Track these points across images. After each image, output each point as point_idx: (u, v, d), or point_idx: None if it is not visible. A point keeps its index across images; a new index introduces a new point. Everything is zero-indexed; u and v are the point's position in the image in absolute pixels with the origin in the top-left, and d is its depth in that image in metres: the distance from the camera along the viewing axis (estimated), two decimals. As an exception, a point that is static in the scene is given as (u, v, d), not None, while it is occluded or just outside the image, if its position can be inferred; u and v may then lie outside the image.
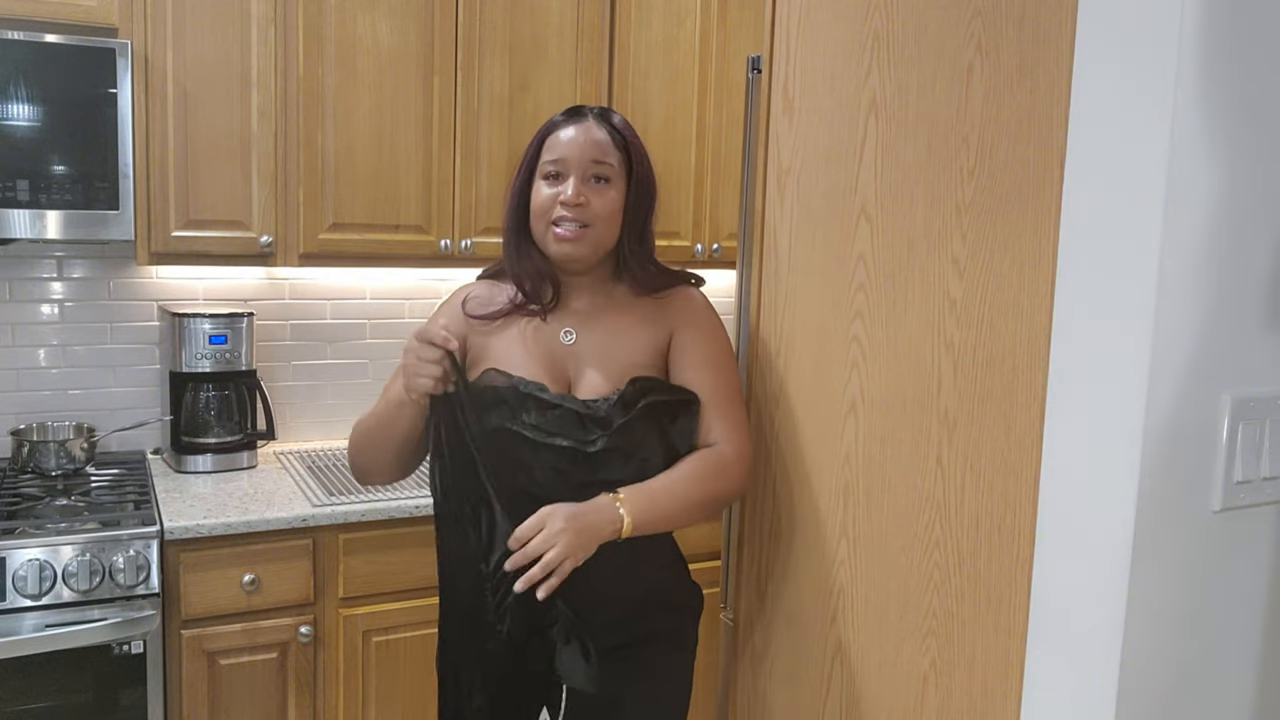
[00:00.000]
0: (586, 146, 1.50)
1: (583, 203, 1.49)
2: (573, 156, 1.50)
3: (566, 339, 1.54)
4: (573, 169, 1.50)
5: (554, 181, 1.51)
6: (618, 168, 1.52)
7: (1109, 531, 1.09)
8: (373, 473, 1.59)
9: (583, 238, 1.49)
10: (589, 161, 1.50)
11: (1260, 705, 1.20)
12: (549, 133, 1.54)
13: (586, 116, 1.54)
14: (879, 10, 1.37)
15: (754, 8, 2.98)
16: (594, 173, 1.50)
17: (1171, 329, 1.06)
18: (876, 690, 1.42)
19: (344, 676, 2.43)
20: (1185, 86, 1.02)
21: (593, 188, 1.50)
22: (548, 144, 1.53)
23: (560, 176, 1.51)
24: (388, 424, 1.52)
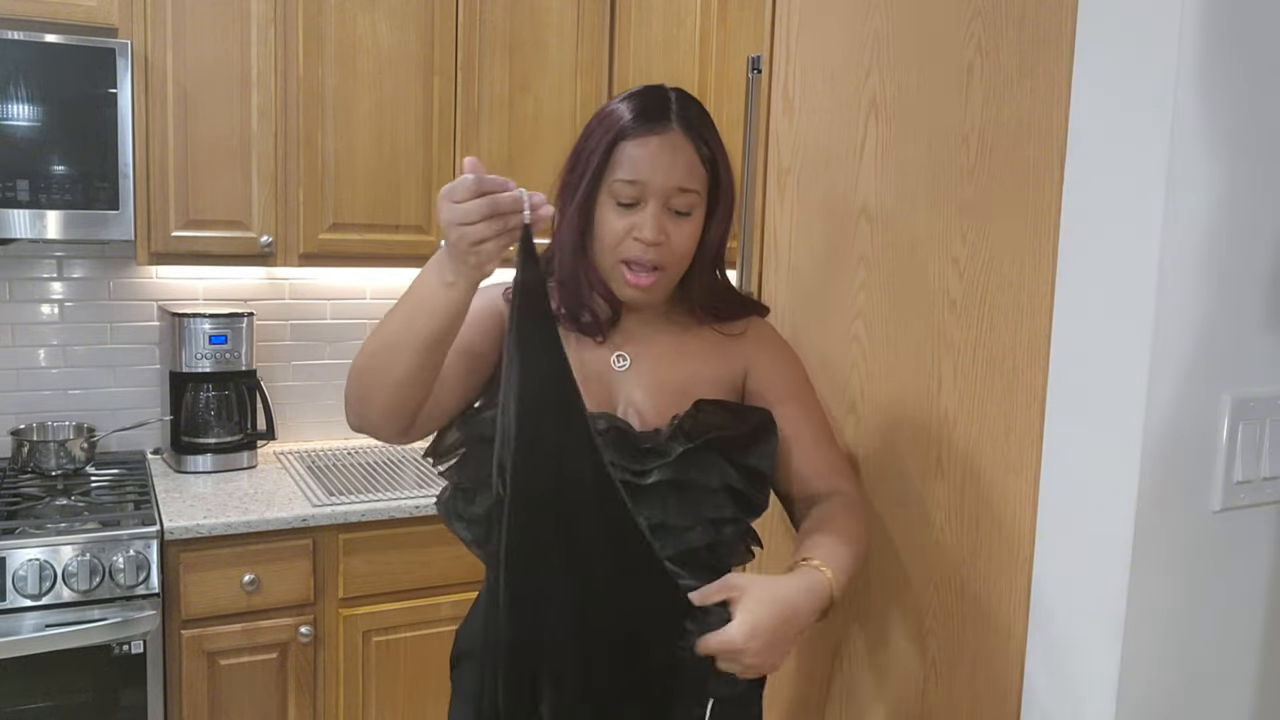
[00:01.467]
0: (673, 171, 1.20)
1: (663, 242, 1.21)
2: (655, 182, 1.20)
3: (619, 364, 1.28)
4: (652, 196, 1.20)
5: (627, 210, 1.21)
6: (704, 192, 1.24)
7: (1109, 532, 1.09)
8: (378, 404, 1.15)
9: (656, 283, 1.23)
10: (673, 189, 1.20)
11: (1260, 705, 1.20)
12: (621, 136, 1.21)
13: (670, 120, 1.21)
14: (879, 10, 1.37)
15: (754, 8, 2.98)
16: (676, 205, 1.21)
17: (1171, 329, 1.06)
18: (876, 690, 1.42)
19: (344, 676, 2.43)
20: (1185, 86, 1.02)
21: (673, 220, 1.22)
22: (620, 155, 1.21)
23: (636, 204, 1.21)
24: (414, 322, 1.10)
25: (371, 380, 1.15)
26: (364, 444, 2.99)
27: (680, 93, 1.25)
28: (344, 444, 2.98)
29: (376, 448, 2.96)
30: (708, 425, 1.22)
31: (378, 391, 1.14)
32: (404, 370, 1.12)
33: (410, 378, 1.13)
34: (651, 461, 1.19)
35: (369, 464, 2.79)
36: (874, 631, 1.42)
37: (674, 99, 1.23)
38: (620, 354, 1.29)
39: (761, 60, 1.61)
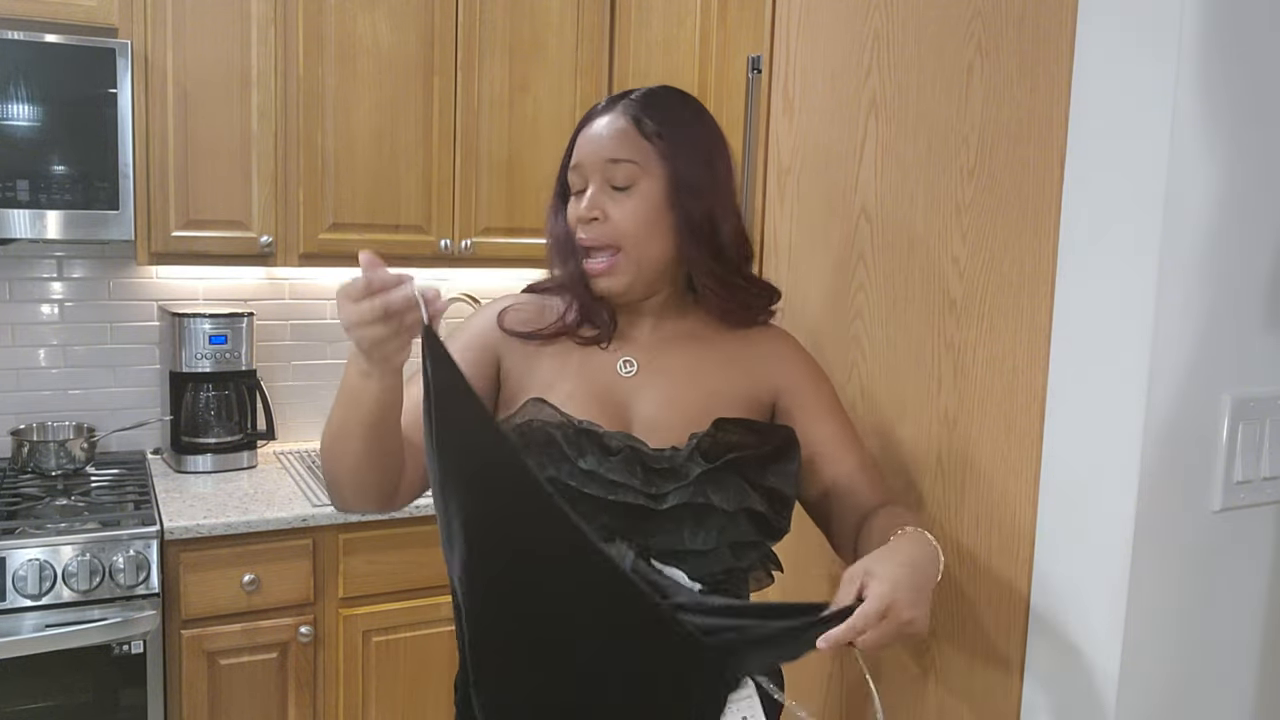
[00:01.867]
0: (602, 142, 1.17)
1: (596, 217, 1.17)
2: (587, 160, 1.18)
3: (626, 370, 1.21)
4: (590, 175, 1.18)
5: (577, 197, 1.20)
6: (645, 164, 1.16)
7: (1109, 531, 1.09)
8: (346, 486, 1.15)
9: (615, 267, 1.18)
10: (603, 162, 1.17)
11: (1260, 705, 1.20)
12: (580, 127, 1.22)
13: (617, 105, 1.20)
14: (879, 10, 1.37)
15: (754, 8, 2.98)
16: (609, 178, 1.17)
17: (1171, 329, 1.06)
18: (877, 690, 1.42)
19: (344, 676, 2.43)
20: (1185, 86, 1.02)
21: (613, 196, 1.17)
22: (575, 144, 1.21)
23: (582, 189, 1.19)
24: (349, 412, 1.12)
25: (333, 467, 1.15)
26: (364, 444, 2.99)
27: (657, 86, 1.23)
28: (344, 444, 2.98)
29: (376, 448, 2.95)
30: (728, 445, 1.15)
31: (341, 475, 1.14)
32: (355, 456, 1.11)
33: (366, 461, 1.11)
34: (668, 484, 1.12)
35: (369, 464, 2.78)
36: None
37: (639, 91, 1.22)
38: (626, 359, 1.22)
39: (761, 60, 1.61)
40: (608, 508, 1.10)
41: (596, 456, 1.11)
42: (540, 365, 1.22)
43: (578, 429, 1.12)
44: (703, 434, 1.15)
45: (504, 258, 2.82)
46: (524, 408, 1.16)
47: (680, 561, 1.12)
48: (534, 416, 1.14)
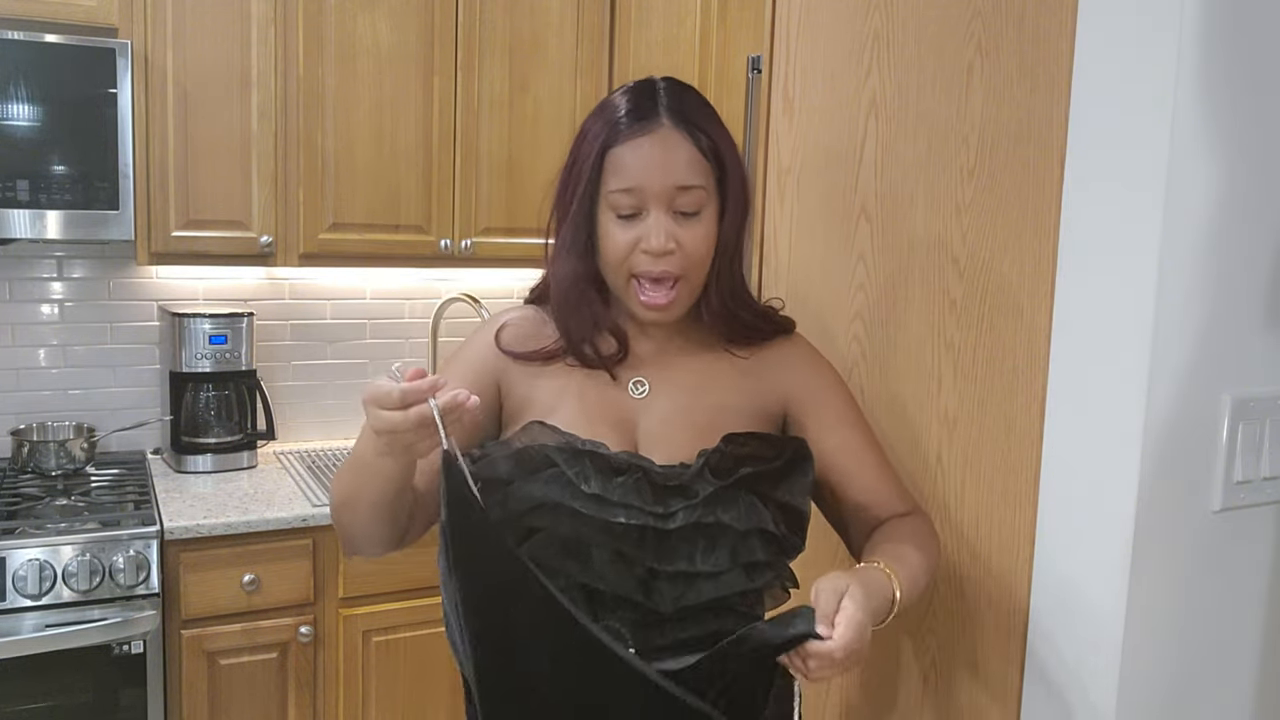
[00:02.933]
0: (670, 170, 1.09)
1: (673, 249, 1.09)
2: (652, 186, 1.09)
3: (638, 391, 1.17)
4: (653, 202, 1.09)
5: (630, 222, 1.10)
6: (709, 188, 1.12)
7: (1109, 532, 1.09)
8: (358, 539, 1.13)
9: (676, 299, 1.12)
10: (674, 189, 1.09)
11: (1260, 705, 1.20)
12: (612, 141, 1.11)
13: (660, 115, 1.10)
14: (879, 10, 1.37)
15: (754, 8, 2.98)
16: (681, 205, 1.10)
17: (1171, 329, 1.06)
18: (877, 690, 1.42)
19: (344, 676, 2.43)
20: (1185, 86, 1.02)
21: (681, 223, 1.10)
22: (612, 161, 1.10)
23: (637, 213, 1.10)
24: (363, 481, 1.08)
25: (344, 523, 1.13)
26: (364, 444, 2.99)
27: (672, 83, 1.16)
28: (344, 444, 2.98)
29: (376, 448, 2.96)
30: (738, 459, 1.10)
31: (354, 533, 1.13)
32: (367, 520, 1.10)
33: (377, 522, 1.10)
34: (675, 503, 1.08)
35: (369, 464, 2.78)
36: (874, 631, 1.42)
37: (663, 91, 1.14)
38: (638, 379, 1.17)
39: (761, 60, 1.61)
40: (612, 531, 1.06)
41: (601, 479, 1.07)
42: (542, 384, 1.17)
43: (579, 451, 1.09)
44: (712, 450, 1.10)
45: (504, 258, 2.82)
46: (525, 430, 1.12)
47: (691, 584, 1.08)
48: (534, 440, 1.10)
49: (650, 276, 1.11)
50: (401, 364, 0.97)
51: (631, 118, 1.11)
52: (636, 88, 1.15)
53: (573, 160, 1.15)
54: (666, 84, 1.15)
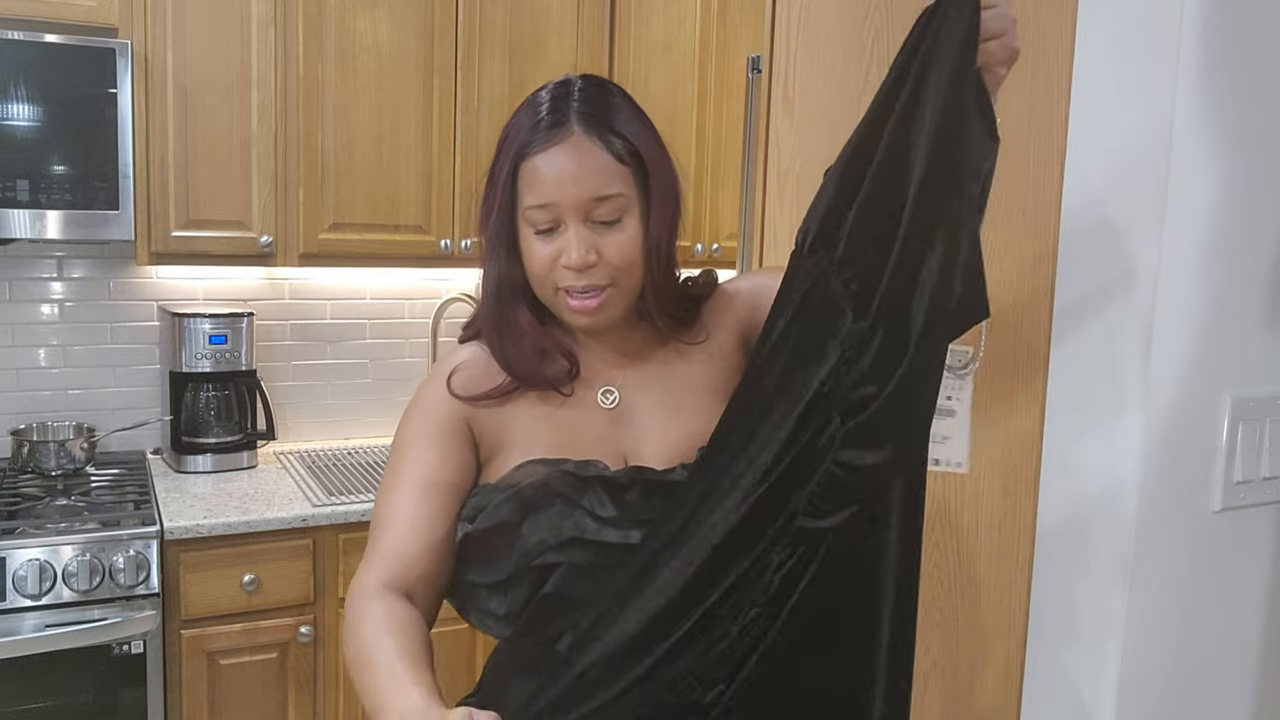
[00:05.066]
0: (582, 181, 1.05)
1: (594, 261, 1.06)
2: (566, 199, 1.05)
3: (608, 401, 1.14)
4: (569, 215, 1.06)
5: (549, 236, 1.07)
6: (630, 192, 1.07)
7: (1109, 531, 1.09)
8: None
9: (605, 304, 1.08)
10: (590, 201, 1.05)
11: (1260, 705, 1.20)
12: (524, 153, 1.07)
13: (570, 123, 1.06)
14: (879, 10, 1.37)
15: (754, 8, 2.98)
16: (599, 216, 1.06)
17: (1171, 329, 1.06)
18: (876, 690, 1.42)
19: (344, 676, 2.43)
20: (1185, 86, 1.02)
21: (601, 232, 1.06)
22: (525, 175, 1.07)
23: (554, 226, 1.07)
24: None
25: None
26: (364, 444, 2.99)
27: (588, 83, 1.10)
28: (344, 444, 2.98)
29: (377, 448, 2.96)
30: None
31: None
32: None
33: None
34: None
35: (369, 464, 2.79)
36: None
37: (578, 93, 1.08)
38: (605, 389, 1.14)
39: (761, 60, 1.61)
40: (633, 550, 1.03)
41: (610, 499, 1.05)
42: (512, 418, 1.12)
43: (581, 476, 1.06)
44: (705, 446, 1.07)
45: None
46: (517, 472, 1.08)
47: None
48: (531, 479, 1.06)
49: (575, 288, 1.07)
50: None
51: (543, 126, 1.07)
52: (553, 92, 1.10)
53: (492, 171, 1.11)
54: (583, 85, 1.10)
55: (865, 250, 0.93)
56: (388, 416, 3.04)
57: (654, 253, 1.09)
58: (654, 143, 1.11)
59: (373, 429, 3.05)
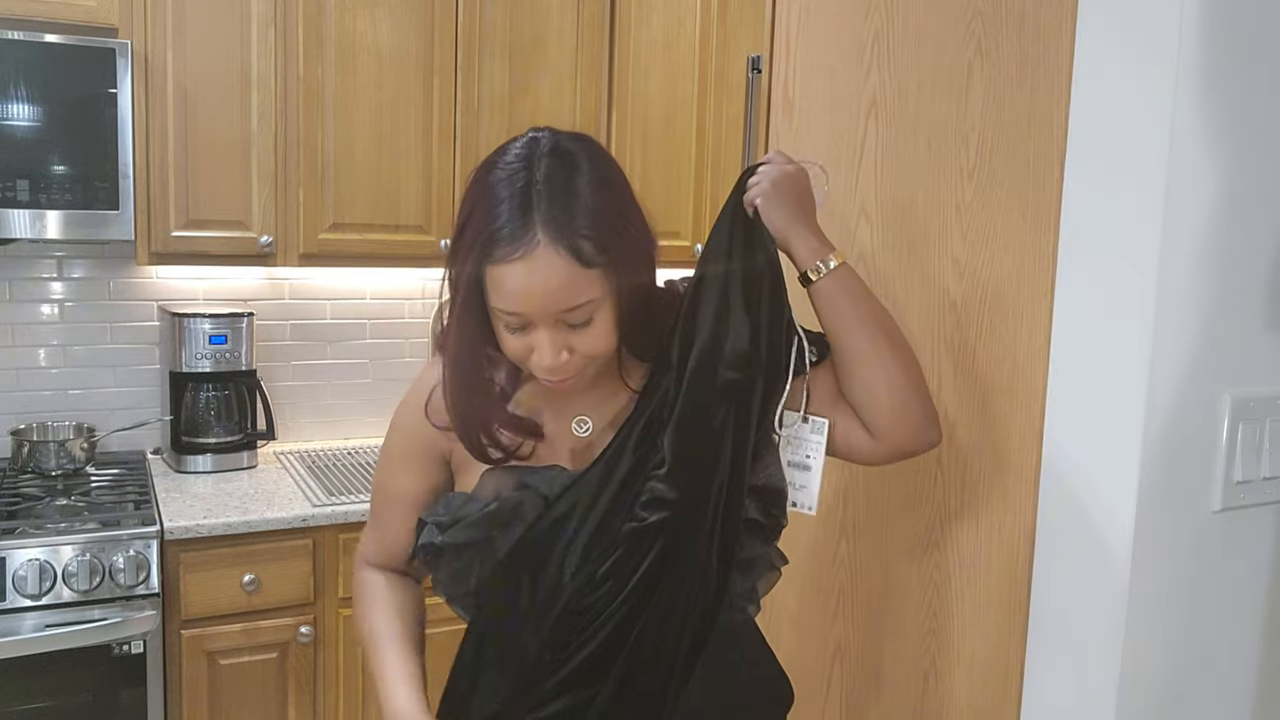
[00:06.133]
0: (551, 296, 1.02)
1: (566, 360, 1.06)
2: (533, 311, 1.03)
3: (582, 429, 1.16)
4: (539, 320, 1.04)
5: (521, 332, 1.06)
6: (601, 291, 1.04)
7: (1109, 531, 1.09)
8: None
9: (580, 377, 1.09)
10: (559, 312, 1.03)
11: (1260, 705, 1.20)
12: (487, 257, 1.03)
13: (534, 231, 1.01)
14: (879, 10, 1.37)
15: (754, 8, 2.98)
16: (570, 321, 1.04)
17: (1171, 329, 1.06)
18: (876, 690, 1.42)
19: (344, 676, 2.43)
20: (1185, 86, 1.02)
21: (574, 332, 1.05)
22: (492, 279, 1.04)
23: (524, 327, 1.05)
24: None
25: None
26: (364, 444, 2.99)
27: (553, 163, 1.05)
28: (344, 444, 2.98)
29: (377, 448, 2.96)
30: None
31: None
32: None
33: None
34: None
35: (369, 464, 2.79)
36: (874, 631, 1.42)
37: (542, 187, 1.03)
38: (579, 418, 1.16)
39: (761, 60, 1.61)
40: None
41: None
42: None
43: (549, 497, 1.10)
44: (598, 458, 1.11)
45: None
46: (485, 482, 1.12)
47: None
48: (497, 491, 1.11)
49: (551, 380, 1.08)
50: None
51: (506, 233, 1.02)
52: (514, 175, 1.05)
53: (456, 247, 1.09)
54: (548, 168, 1.04)
55: (678, 331, 1.14)
56: (387, 416, 3.00)
57: (629, 326, 1.09)
58: (621, 221, 1.06)
59: (373, 429, 3.05)
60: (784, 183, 1.14)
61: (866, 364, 1.12)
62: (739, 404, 1.11)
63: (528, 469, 1.12)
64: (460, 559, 1.12)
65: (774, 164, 1.16)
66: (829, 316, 1.14)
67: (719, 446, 1.10)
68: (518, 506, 1.10)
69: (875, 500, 1.40)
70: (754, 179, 1.16)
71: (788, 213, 1.14)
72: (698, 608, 1.11)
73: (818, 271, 1.13)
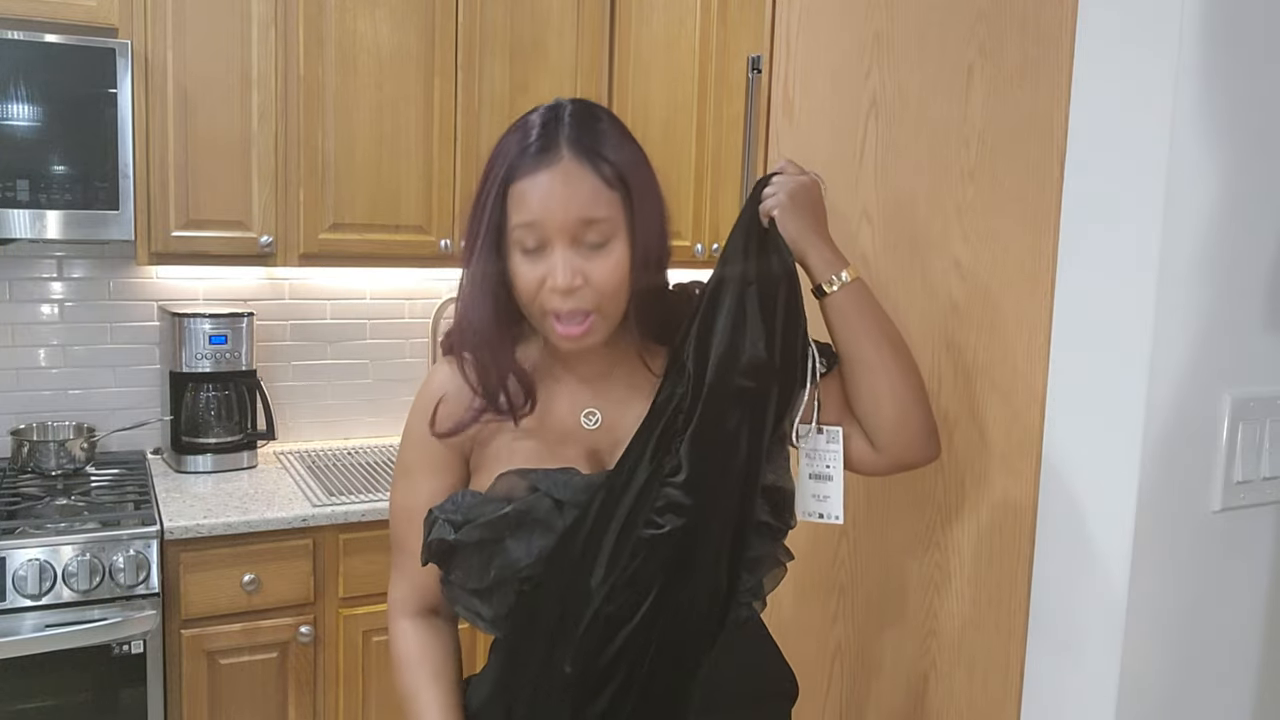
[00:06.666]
0: (571, 203, 1.05)
1: (580, 285, 1.07)
2: (553, 220, 1.05)
3: (590, 423, 1.16)
4: (556, 236, 1.06)
5: (534, 256, 1.08)
6: (617, 216, 1.08)
7: (1109, 531, 1.09)
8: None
9: (590, 330, 1.09)
10: (577, 223, 1.06)
11: (1260, 705, 1.20)
12: (512, 176, 1.07)
13: (560, 147, 1.06)
14: (879, 10, 1.37)
15: (754, 8, 2.98)
16: (587, 239, 1.07)
17: (1171, 329, 1.06)
18: (876, 690, 1.42)
19: (344, 676, 2.43)
20: (1185, 86, 1.02)
21: (588, 256, 1.07)
22: (514, 196, 1.07)
23: (541, 247, 1.07)
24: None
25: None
26: (364, 444, 2.99)
27: (579, 108, 1.11)
28: (344, 444, 2.98)
29: (377, 448, 2.96)
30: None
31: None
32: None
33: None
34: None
35: (369, 464, 2.79)
36: (874, 631, 1.42)
37: (569, 118, 1.09)
38: (588, 411, 1.16)
39: (761, 60, 1.61)
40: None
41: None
42: (498, 434, 1.16)
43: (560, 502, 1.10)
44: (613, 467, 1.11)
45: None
46: (498, 482, 1.12)
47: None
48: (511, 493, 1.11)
49: (561, 314, 1.08)
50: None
51: (532, 150, 1.07)
52: (543, 116, 1.10)
53: (479, 192, 1.12)
54: (574, 109, 1.10)
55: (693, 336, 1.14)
56: (387, 416, 3.04)
57: (640, 275, 1.11)
58: (643, 168, 1.12)
59: (373, 429, 3.05)
60: (800, 194, 1.15)
61: (873, 376, 1.15)
62: (753, 411, 1.12)
63: (541, 472, 1.12)
64: (473, 559, 1.11)
65: (787, 174, 1.17)
66: (840, 328, 1.16)
67: (734, 453, 1.11)
68: (528, 512, 1.10)
69: (875, 500, 1.40)
70: (769, 189, 1.16)
71: (803, 224, 1.15)
72: (711, 607, 1.11)
73: (832, 285, 1.15)
